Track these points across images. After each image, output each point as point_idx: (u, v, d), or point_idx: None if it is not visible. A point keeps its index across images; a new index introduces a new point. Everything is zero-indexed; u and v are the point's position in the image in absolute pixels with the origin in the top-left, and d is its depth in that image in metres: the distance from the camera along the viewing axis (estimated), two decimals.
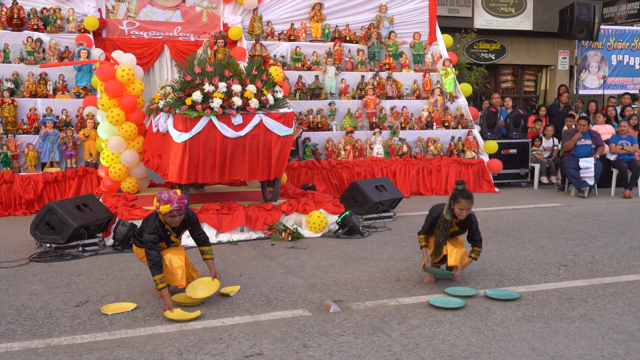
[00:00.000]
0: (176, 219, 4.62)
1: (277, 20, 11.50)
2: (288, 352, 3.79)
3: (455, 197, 4.93)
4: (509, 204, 9.55)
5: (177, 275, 4.69)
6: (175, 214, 4.58)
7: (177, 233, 4.84)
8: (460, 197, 4.90)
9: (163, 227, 4.66)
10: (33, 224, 6.28)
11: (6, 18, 9.87)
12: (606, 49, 14.78)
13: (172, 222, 4.63)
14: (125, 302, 4.70)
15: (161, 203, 4.54)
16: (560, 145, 11.25)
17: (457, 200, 4.92)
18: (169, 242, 4.81)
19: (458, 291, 4.92)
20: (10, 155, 8.77)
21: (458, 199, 4.91)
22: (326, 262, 5.99)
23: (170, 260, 4.70)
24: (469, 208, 4.94)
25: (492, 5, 16.76)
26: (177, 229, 4.80)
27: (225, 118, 7.02)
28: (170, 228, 4.71)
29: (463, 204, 4.90)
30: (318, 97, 10.90)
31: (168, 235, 4.73)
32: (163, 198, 4.54)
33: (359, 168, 10.11)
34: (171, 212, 4.55)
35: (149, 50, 10.77)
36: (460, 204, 4.90)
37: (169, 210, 4.53)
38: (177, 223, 4.64)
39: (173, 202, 4.52)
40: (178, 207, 4.54)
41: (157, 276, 4.47)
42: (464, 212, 4.93)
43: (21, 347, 3.88)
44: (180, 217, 4.64)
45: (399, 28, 12.03)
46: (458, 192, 4.93)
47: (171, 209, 4.52)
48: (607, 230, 7.49)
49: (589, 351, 3.79)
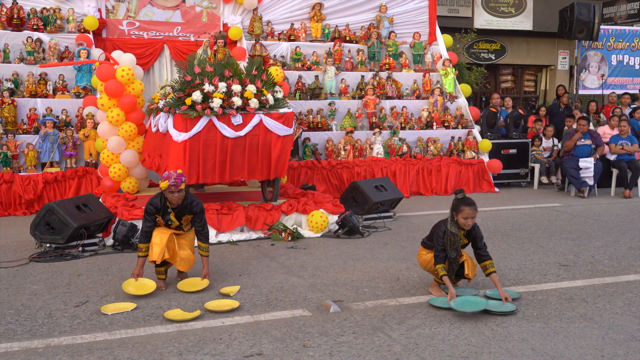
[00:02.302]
0: (175, 195, 4.89)
1: (277, 20, 11.50)
2: (288, 352, 3.79)
3: (458, 207, 4.63)
4: (509, 204, 9.55)
5: (153, 250, 4.93)
6: (174, 190, 4.87)
7: (177, 215, 5.03)
8: (462, 206, 4.62)
9: (164, 204, 4.96)
10: (33, 224, 6.28)
11: (6, 18, 9.86)
12: (606, 49, 14.78)
13: (171, 199, 4.92)
14: (125, 302, 4.70)
15: (162, 180, 4.90)
16: (560, 145, 11.25)
17: (459, 209, 4.61)
18: (168, 221, 5.02)
19: (458, 291, 4.90)
20: (10, 155, 8.77)
21: (461, 207, 4.61)
22: (326, 262, 5.99)
23: (155, 236, 4.97)
24: (474, 216, 4.64)
25: (492, 5, 16.76)
26: (178, 211, 5.01)
27: (225, 118, 7.02)
28: (172, 207, 4.97)
29: (467, 211, 4.61)
30: (318, 97, 10.90)
31: (168, 212, 4.98)
32: (164, 175, 4.90)
33: (359, 168, 10.11)
34: (169, 187, 4.85)
35: (149, 50, 10.77)
36: (464, 213, 4.61)
37: (167, 186, 4.85)
38: (175, 200, 4.91)
39: (171, 178, 4.85)
40: (174, 183, 4.84)
41: (141, 244, 4.96)
42: (470, 220, 4.63)
43: (21, 347, 3.89)
44: (179, 195, 4.90)
45: (399, 28, 12.03)
46: (459, 201, 4.65)
47: (169, 185, 4.84)
48: (607, 230, 7.49)
49: (589, 351, 3.79)
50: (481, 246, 4.76)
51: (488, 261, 4.72)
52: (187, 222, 5.12)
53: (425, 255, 4.98)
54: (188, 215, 5.06)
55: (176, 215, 5.02)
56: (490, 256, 4.75)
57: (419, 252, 5.08)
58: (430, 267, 4.94)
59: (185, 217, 5.06)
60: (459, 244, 4.72)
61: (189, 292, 4.98)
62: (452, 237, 4.69)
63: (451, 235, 4.69)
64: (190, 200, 5.02)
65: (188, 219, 5.09)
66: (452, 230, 4.68)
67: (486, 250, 4.76)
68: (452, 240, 4.69)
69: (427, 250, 4.96)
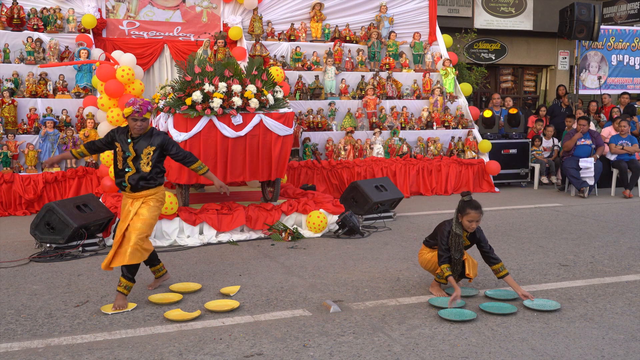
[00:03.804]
0: (137, 124, 4.59)
1: (277, 20, 11.51)
2: (288, 352, 3.79)
3: (463, 209, 4.62)
4: (509, 204, 9.55)
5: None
6: (137, 118, 4.57)
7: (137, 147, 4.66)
8: (468, 209, 4.61)
9: (126, 132, 4.68)
10: (33, 224, 6.28)
11: (6, 18, 9.87)
12: (606, 49, 14.77)
13: (133, 127, 4.61)
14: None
15: (126, 105, 4.60)
16: (560, 145, 11.25)
17: (465, 212, 4.61)
18: (125, 152, 4.66)
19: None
20: (10, 155, 8.77)
21: (466, 210, 4.60)
22: (326, 262, 5.99)
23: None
24: (479, 219, 4.64)
25: (492, 5, 16.76)
26: (138, 143, 4.66)
27: (225, 118, 7.02)
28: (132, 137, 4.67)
29: (472, 215, 4.60)
30: (318, 97, 10.90)
31: (128, 143, 4.66)
32: (129, 102, 4.58)
33: (359, 168, 10.11)
34: (132, 114, 4.55)
35: (149, 50, 10.78)
36: (470, 216, 4.61)
37: (131, 113, 4.56)
38: (138, 128, 4.60)
39: (135, 104, 4.54)
40: (139, 110, 4.54)
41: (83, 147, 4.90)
42: (474, 223, 4.63)
43: (21, 347, 3.88)
44: (142, 124, 4.61)
45: (399, 28, 12.04)
46: (465, 204, 4.64)
47: (132, 111, 4.54)
48: (607, 230, 7.49)
49: (589, 351, 3.79)
50: (488, 249, 4.77)
51: (499, 264, 4.74)
52: (147, 158, 4.67)
53: (426, 254, 4.97)
54: (149, 148, 4.67)
55: (135, 147, 4.65)
56: (499, 259, 4.76)
57: (421, 250, 5.07)
58: (430, 266, 4.94)
59: (146, 150, 4.66)
60: (462, 245, 4.72)
61: (188, 293, 4.98)
62: (456, 238, 4.69)
63: (455, 236, 4.69)
64: (153, 132, 4.72)
65: (149, 154, 4.67)
66: (456, 232, 4.68)
67: (494, 253, 4.77)
68: (456, 242, 4.69)
69: (429, 249, 4.96)
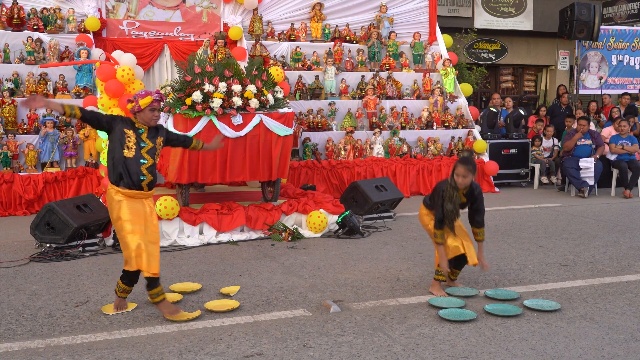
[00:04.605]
0: (156, 114, 4.26)
1: (277, 20, 11.51)
2: (288, 352, 3.79)
3: (455, 166, 4.78)
4: (509, 204, 9.55)
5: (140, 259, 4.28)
6: (157, 106, 4.25)
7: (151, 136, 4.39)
8: (458, 164, 4.79)
9: (131, 124, 4.31)
10: (33, 224, 6.28)
11: (6, 18, 9.87)
12: (606, 49, 14.77)
13: (151, 119, 4.27)
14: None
15: (139, 97, 4.23)
16: (560, 145, 11.25)
17: (455, 167, 4.80)
18: (140, 142, 4.32)
19: (458, 291, 4.91)
20: (10, 155, 8.77)
21: (456, 166, 4.79)
22: (326, 262, 5.99)
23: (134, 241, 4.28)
24: (466, 175, 4.75)
25: (492, 5, 16.76)
26: (151, 132, 4.38)
27: (225, 118, 7.02)
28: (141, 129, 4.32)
29: (459, 169, 4.76)
30: (318, 97, 10.90)
31: (140, 133, 4.30)
32: (140, 93, 4.24)
33: (359, 168, 10.11)
34: (152, 103, 4.22)
35: (149, 50, 10.77)
36: (457, 170, 4.77)
37: (151, 102, 4.21)
38: (156, 119, 4.28)
39: (153, 93, 4.19)
40: (159, 98, 4.24)
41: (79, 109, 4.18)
42: (460, 178, 4.76)
43: (21, 347, 3.89)
44: (159, 114, 4.30)
45: (399, 28, 12.03)
46: (457, 161, 4.85)
47: (152, 100, 4.20)
48: (607, 230, 7.49)
49: (589, 351, 3.79)
50: (476, 211, 4.93)
51: (481, 229, 4.93)
52: (159, 148, 4.45)
53: (425, 217, 5.08)
54: (160, 139, 4.44)
55: (149, 137, 4.36)
56: (484, 224, 4.94)
57: (420, 211, 5.18)
58: (430, 229, 5.03)
59: (158, 140, 4.42)
60: (457, 200, 4.81)
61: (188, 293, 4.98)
62: (451, 192, 4.81)
63: (450, 189, 4.81)
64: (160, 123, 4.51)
65: (160, 145, 4.44)
66: (453, 184, 4.82)
67: (482, 217, 4.94)
68: (451, 195, 4.81)
69: (428, 210, 5.06)
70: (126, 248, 4.29)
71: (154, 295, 4.36)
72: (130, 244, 4.26)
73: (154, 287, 4.35)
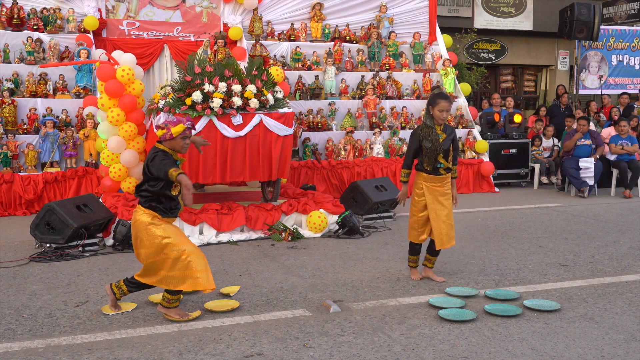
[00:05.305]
0: (187, 142, 4.21)
1: (277, 20, 11.50)
2: (288, 352, 3.79)
3: (434, 100, 4.91)
4: (509, 204, 9.55)
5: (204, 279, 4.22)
6: (188, 134, 4.18)
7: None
8: (438, 99, 4.90)
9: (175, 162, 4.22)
10: (33, 224, 6.28)
11: (6, 18, 9.86)
12: (606, 49, 14.78)
13: (183, 146, 4.20)
14: (125, 302, 4.69)
15: (171, 125, 4.13)
16: (560, 145, 11.25)
17: (435, 102, 4.90)
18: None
19: (458, 291, 4.92)
20: (10, 155, 8.77)
21: (436, 100, 4.89)
22: (326, 262, 5.99)
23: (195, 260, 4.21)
24: (448, 108, 4.91)
25: (492, 5, 16.76)
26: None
27: (225, 118, 7.02)
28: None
29: (442, 104, 4.87)
30: (318, 97, 10.90)
31: (177, 164, 4.22)
32: (171, 120, 4.15)
33: (359, 168, 10.11)
34: (184, 131, 4.13)
35: (149, 50, 10.77)
36: (440, 105, 4.88)
37: (183, 130, 4.13)
38: (187, 147, 4.23)
39: (184, 121, 4.13)
40: (191, 125, 4.20)
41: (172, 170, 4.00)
42: (444, 113, 4.89)
43: (21, 347, 3.89)
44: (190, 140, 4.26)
45: (399, 28, 12.03)
46: (435, 95, 4.94)
47: (185, 128, 4.13)
48: (607, 230, 7.49)
49: (589, 351, 3.79)
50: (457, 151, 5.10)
51: (455, 167, 5.15)
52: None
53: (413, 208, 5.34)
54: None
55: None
56: (456, 163, 5.16)
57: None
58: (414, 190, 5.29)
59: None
60: (435, 136, 4.92)
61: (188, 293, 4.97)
62: (428, 130, 4.95)
63: (426, 127, 4.96)
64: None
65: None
66: (427, 123, 4.96)
67: (456, 161, 5.14)
68: (428, 132, 4.94)
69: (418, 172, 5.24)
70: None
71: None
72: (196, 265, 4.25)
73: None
